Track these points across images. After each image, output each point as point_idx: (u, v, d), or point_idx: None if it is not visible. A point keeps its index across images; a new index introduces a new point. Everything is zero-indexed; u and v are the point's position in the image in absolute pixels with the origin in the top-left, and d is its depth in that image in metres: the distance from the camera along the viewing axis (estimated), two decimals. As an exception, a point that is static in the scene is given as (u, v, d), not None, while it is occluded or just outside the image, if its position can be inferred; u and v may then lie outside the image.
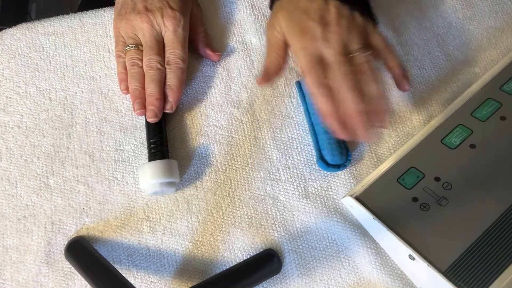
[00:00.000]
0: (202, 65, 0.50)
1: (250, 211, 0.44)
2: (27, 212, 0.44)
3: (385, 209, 0.41)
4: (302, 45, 0.41)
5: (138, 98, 0.45)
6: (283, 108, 0.48)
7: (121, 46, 0.47)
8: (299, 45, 0.42)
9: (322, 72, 0.40)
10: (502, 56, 0.51)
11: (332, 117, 0.40)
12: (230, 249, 0.42)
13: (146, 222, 0.43)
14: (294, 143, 0.46)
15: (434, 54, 0.51)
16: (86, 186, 0.45)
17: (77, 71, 0.50)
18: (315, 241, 0.43)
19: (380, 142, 0.47)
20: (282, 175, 0.45)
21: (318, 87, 0.40)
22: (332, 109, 0.39)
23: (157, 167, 0.42)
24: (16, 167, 0.45)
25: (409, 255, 0.38)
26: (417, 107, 0.48)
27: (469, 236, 0.38)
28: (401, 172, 0.43)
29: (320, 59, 0.41)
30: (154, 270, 0.42)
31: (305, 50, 0.41)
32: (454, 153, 0.43)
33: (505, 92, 0.46)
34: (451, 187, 0.41)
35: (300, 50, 0.41)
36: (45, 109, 0.48)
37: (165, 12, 0.45)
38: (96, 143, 0.46)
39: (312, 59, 0.41)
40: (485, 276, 0.36)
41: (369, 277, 0.41)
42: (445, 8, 0.53)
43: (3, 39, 0.51)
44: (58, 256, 0.42)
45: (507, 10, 0.53)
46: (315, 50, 0.41)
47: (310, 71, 0.41)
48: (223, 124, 0.47)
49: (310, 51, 0.41)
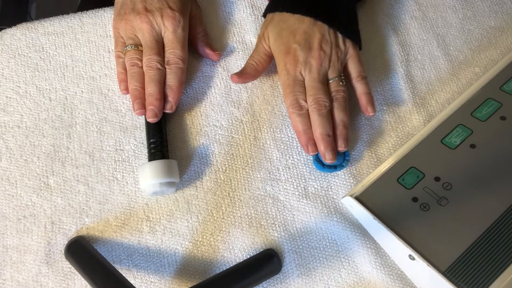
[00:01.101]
0: (202, 65, 0.50)
1: (250, 211, 0.44)
2: (27, 212, 0.44)
3: (385, 209, 0.41)
4: (285, 66, 0.45)
5: (138, 98, 0.45)
6: (283, 108, 0.48)
7: (121, 46, 0.47)
8: (282, 65, 0.45)
9: (299, 94, 0.44)
10: (502, 56, 0.51)
11: (301, 136, 0.43)
12: (230, 249, 0.42)
13: (146, 222, 0.43)
14: (294, 143, 0.46)
15: (434, 54, 0.51)
16: (86, 186, 0.45)
17: (77, 71, 0.50)
18: (315, 241, 0.43)
19: (380, 142, 0.47)
20: (282, 175, 0.45)
21: (293, 107, 0.44)
22: (303, 129, 0.43)
23: (157, 167, 0.42)
24: (16, 167, 0.45)
25: (409, 255, 0.38)
26: (417, 107, 0.48)
27: (469, 236, 0.38)
28: (401, 172, 0.43)
29: (300, 81, 0.44)
30: (154, 270, 0.42)
31: (287, 71, 0.45)
32: (454, 153, 0.43)
33: (505, 92, 0.46)
34: (451, 187, 0.41)
35: (283, 70, 0.45)
36: (45, 109, 0.48)
37: (164, 13, 0.45)
38: (96, 143, 0.46)
39: (292, 81, 0.44)
40: (485, 276, 0.36)
41: (369, 277, 0.41)
42: (445, 8, 0.53)
43: (3, 39, 0.51)
44: (58, 256, 0.42)
45: (507, 10, 0.53)
46: (295, 73, 0.44)
47: (288, 92, 0.44)
48: (223, 124, 0.47)
49: (292, 73, 0.44)
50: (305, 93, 0.44)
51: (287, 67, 0.44)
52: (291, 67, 0.44)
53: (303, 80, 0.44)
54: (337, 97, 0.44)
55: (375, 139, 0.47)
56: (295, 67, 0.44)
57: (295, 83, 0.44)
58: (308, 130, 0.43)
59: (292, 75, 0.44)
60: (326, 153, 0.42)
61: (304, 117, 0.44)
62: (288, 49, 0.45)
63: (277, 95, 0.49)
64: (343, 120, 0.44)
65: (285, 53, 0.45)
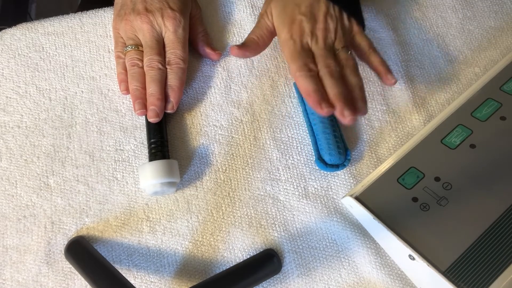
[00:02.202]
0: (202, 65, 0.50)
1: (250, 211, 0.44)
2: (27, 212, 0.44)
3: (385, 209, 0.41)
4: (290, 35, 0.43)
5: (139, 98, 0.45)
6: (283, 108, 0.48)
7: (121, 47, 0.47)
8: (287, 35, 0.43)
9: (307, 59, 0.41)
10: (502, 56, 0.51)
11: (313, 95, 0.39)
12: (230, 249, 0.42)
13: (146, 222, 0.43)
14: (294, 143, 0.46)
15: (434, 54, 0.51)
16: (86, 186, 0.45)
17: (77, 71, 0.50)
18: (315, 241, 0.43)
19: (380, 142, 0.47)
20: (282, 175, 0.45)
21: (301, 70, 0.41)
22: (314, 88, 0.39)
23: (158, 167, 0.42)
24: (16, 167, 0.45)
25: (409, 255, 0.38)
26: (417, 107, 0.48)
27: (469, 236, 0.38)
28: (401, 172, 0.43)
29: (307, 50, 0.42)
30: (154, 270, 0.42)
31: (293, 40, 0.43)
32: (454, 153, 0.43)
33: (505, 92, 0.46)
34: (451, 187, 0.41)
35: (288, 39, 0.43)
36: (45, 109, 0.48)
37: (165, 13, 0.45)
38: (96, 143, 0.46)
39: (300, 48, 0.42)
40: (485, 276, 0.36)
41: (369, 277, 0.41)
42: (445, 8, 0.53)
43: (3, 39, 0.51)
44: (58, 256, 0.42)
45: (507, 10, 0.53)
46: (302, 42, 0.42)
47: (294, 56, 0.42)
48: (223, 124, 0.47)
49: (297, 41, 0.42)
50: (313, 60, 0.42)
51: (293, 37, 0.43)
52: (297, 36, 0.42)
53: (309, 49, 0.42)
54: (347, 64, 0.42)
55: (375, 139, 0.47)
56: (301, 37, 0.42)
57: (303, 49, 0.42)
58: (322, 89, 0.40)
59: (298, 43, 0.42)
60: (345, 110, 0.38)
61: (315, 78, 0.40)
62: (293, 20, 0.43)
63: (277, 95, 0.49)
64: (358, 83, 0.41)
65: (290, 24, 0.43)
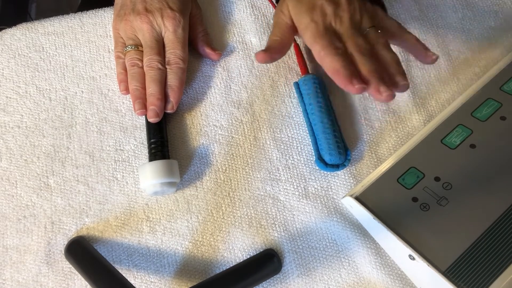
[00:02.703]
0: (202, 65, 0.50)
1: (250, 211, 0.44)
2: (27, 212, 0.44)
3: (385, 209, 0.41)
4: (312, 19, 0.39)
5: (139, 98, 0.45)
6: (283, 108, 0.48)
7: (120, 47, 0.47)
8: (308, 20, 0.40)
9: (334, 38, 0.38)
10: (502, 56, 0.51)
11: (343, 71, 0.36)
12: (230, 249, 0.42)
13: (146, 222, 0.43)
14: (294, 143, 0.46)
15: (434, 54, 0.51)
16: (86, 186, 0.45)
17: (77, 71, 0.50)
18: (315, 241, 0.43)
19: (380, 142, 0.47)
20: (282, 175, 0.45)
21: (327, 48, 0.37)
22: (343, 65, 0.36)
23: (158, 167, 0.42)
24: (16, 167, 0.45)
25: (409, 255, 0.38)
26: (417, 107, 0.48)
27: (469, 236, 0.38)
28: (401, 172, 0.43)
29: (332, 30, 0.39)
30: (154, 270, 0.42)
31: (315, 22, 0.39)
32: (454, 153, 0.43)
33: (505, 92, 0.46)
34: (451, 187, 0.41)
35: (310, 22, 0.39)
36: (45, 109, 0.48)
37: (164, 13, 0.45)
38: (96, 143, 0.46)
39: (323, 29, 0.39)
40: (485, 276, 0.36)
41: (369, 277, 0.41)
42: (445, 8, 0.53)
43: (3, 39, 0.51)
44: (58, 256, 0.42)
45: (507, 10, 0.53)
46: (325, 23, 0.39)
47: (317, 37, 0.38)
48: (223, 124, 0.47)
49: (321, 23, 0.39)
50: (339, 39, 0.38)
51: (315, 19, 0.39)
52: (320, 19, 0.39)
53: (334, 30, 0.39)
54: (378, 41, 0.38)
55: (375, 139, 0.47)
56: (324, 19, 0.39)
57: (327, 30, 0.39)
58: (351, 66, 0.36)
59: (321, 24, 0.39)
60: (381, 86, 0.35)
61: (343, 56, 0.37)
62: (313, 6, 0.40)
63: (277, 95, 0.49)
64: (394, 58, 0.38)
65: (310, 10, 0.40)
